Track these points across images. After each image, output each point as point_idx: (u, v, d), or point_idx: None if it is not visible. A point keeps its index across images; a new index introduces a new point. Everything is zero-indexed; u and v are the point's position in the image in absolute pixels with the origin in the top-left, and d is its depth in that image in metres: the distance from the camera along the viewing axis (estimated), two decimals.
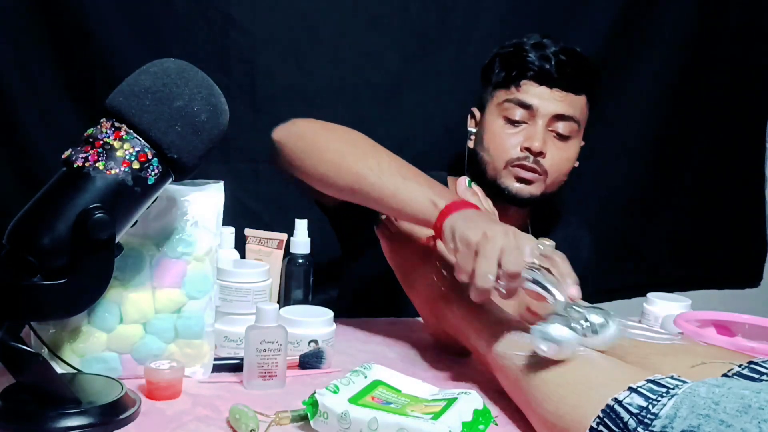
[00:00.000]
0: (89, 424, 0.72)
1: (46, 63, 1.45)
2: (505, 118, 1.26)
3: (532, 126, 1.24)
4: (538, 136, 1.23)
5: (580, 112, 1.26)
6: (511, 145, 1.25)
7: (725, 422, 0.60)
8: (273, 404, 0.80)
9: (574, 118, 1.25)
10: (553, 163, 1.25)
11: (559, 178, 1.28)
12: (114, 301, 0.84)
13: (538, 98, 1.23)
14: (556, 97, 1.24)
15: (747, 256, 1.95)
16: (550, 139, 1.25)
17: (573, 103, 1.25)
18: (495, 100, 1.28)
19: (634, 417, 0.65)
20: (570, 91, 1.24)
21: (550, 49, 1.24)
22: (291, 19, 1.54)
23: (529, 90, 1.24)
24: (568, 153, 1.27)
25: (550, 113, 1.24)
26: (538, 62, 1.23)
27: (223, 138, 0.79)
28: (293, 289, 1.15)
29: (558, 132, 1.25)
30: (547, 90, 1.23)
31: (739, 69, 1.82)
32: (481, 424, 0.73)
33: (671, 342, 0.89)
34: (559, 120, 1.24)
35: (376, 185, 0.99)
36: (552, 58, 1.23)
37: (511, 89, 1.25)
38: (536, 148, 1.23)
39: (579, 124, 1.27)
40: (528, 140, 1.23)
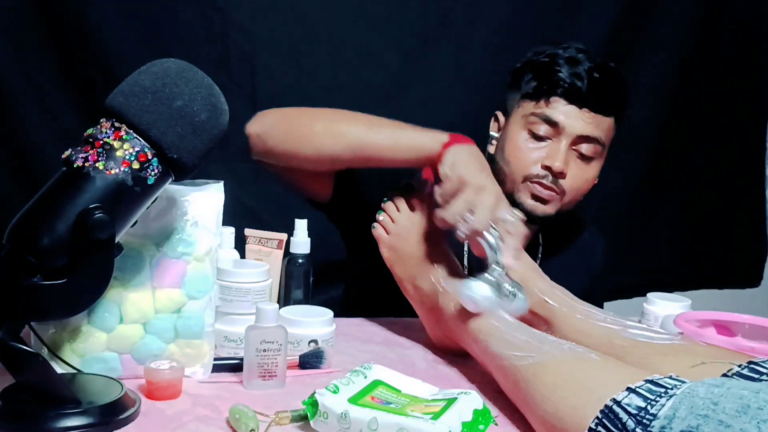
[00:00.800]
0: (89, 424, 0.72)
1: (46, 63, 1.46)
2: (530, 132, 1.21)
3: (555, 144, 1.20)
4: (560, 156, 1.18)
5: (605, 134, 1.22)
6: (532, 160, 1.21)
7: (724, 422, 0.60)
8: (273, 404, 0.80)
9: (599, 140, 1.21)
10: (572, 183, 1.21)
11: (576, 198, 1.24)
12: (114, 301, 0.84)
13: (565, 116, 1.19)
14: (584, 118, 1.19)
15: (747, 256, 1.95)
16: (573, 159, 1.21)
17: (600, 125, 1.21)
18: (521, 111, 1.24)
19: (633, 418, 0.65)
20: (599, 112, 1.20)
21: (584, 66, 1.19)
22: (291, 19, 1.54)
23: (558, 107, 1.19)
24: (588, 174, 1.23)
25: (576, 133, 1.19)
26: (570, 79, 1.19)
27: (223, 138, 0.79)
28: (293, 289, 1.15)
29: (581, 152, 1.21)
30: (575, 109, 1.19)
31: (740, 69, 1.82)
32: (481, 424, 0.73)
33: (671, 342, 0.89)
34: (584, 141, 1.20)
35: (375, 139, 1.08)
36: (585, 76, 1.19)
37: (539, 103, 1.21)
38: (557, 168, 1.18)
39: (604, 146, 1.23)
40: (549, 158, 1.19)
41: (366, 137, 1.09)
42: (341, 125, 1.11)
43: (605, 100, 1.20)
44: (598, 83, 1.19)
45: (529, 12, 1.64)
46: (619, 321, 0.94)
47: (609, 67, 1.23)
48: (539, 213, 1.22)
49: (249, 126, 1.17)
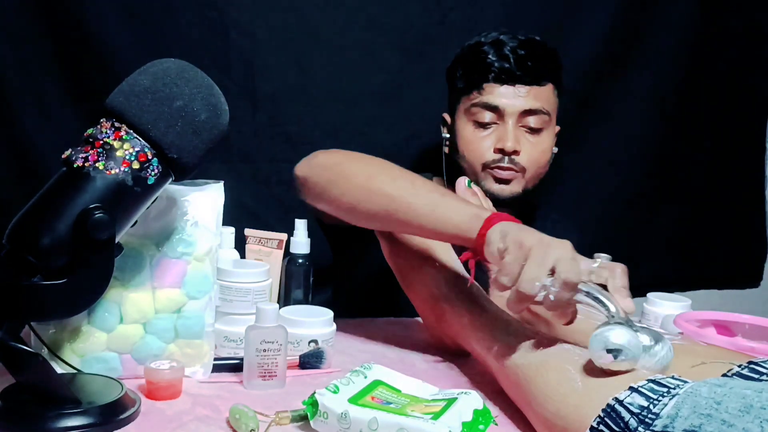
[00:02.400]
0: (89, 424, 0.72)
1: (46, 63, 1.45)
2: (475, 122, 1.26)
3: (502, 126, 1.24)
4: (509, 135, 1.23)
5: (548, 103, 1.26)
6: (485, 148, 1.25)
7: (727, 422, 0.60)
8: (273, 404, 0.80)
9: (543, 110, 1.25)
10: (529, 158, 1.25)
11: (538, 171, 1.28)
12: (114, 301, 0.84)
13: (503, 98, 1.23)
14: (521, 93, 1.23)
15: (747, 256, 1.95)
16: (523, 135, 1.25)
17: (539, 96, 1.25)
18: (462, 106, 1.28)
19: (635, 417, 0.65)
20: (534, 84, 1.24)
21: (507, 47, 1.23)
22: (291, 19, 1.54)
23: (493, 91, 1.24)
24: (542, 145, 1.27)
25: (517, 110, 1.23)
26: (498, 63, 1.23)
27: (223, 138, 0.79)
28: (293, 289, 1.15)
29: (529, 126, 1.25)
30: (510, 88, 1.23)
31: (740, 69, 1.82)
32: (481, 424, 0.73)
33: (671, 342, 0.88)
34: (528, 115, 1.24)
35: (412, 205, 0.93)
36: (510, 55, 1.23)
37: (474, 93, 1.25)
38: (509, 148, 1.23)
39: (549, 114, 1.26)
40: (500, 141, 1.23)
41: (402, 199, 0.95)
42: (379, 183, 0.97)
43: (535, 70, 1.24)
44: (525, 58, 1.23)
45: (529, 12, 1.64)
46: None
47: (532, 39, 1.26)
48: (507, 194, 1.25)
49: (299, 167, 1.07)
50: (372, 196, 0.97)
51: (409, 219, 0.94)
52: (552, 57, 1.28)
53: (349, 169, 1.01)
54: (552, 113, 1.28)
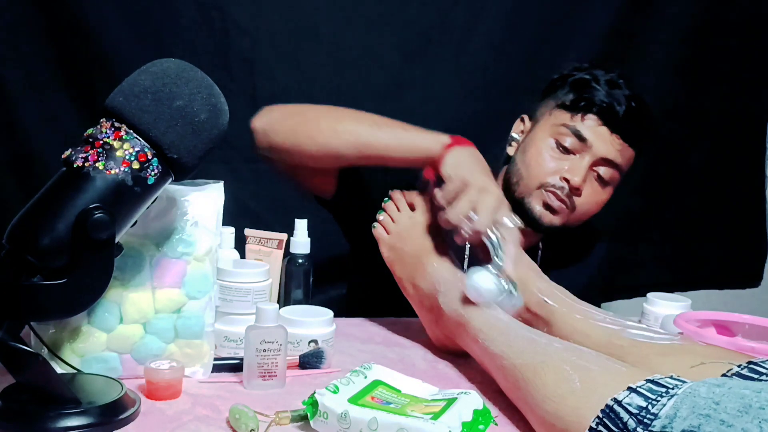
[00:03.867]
0: (89, 424, 0.72)
1: (46, 63, 1.46)
2: (557, 141, 1.22)
3: (579, 159, 1.21)
4: (581, 172, 1.20)
5: (626, 163, 1.24)
6: (552, 170, 1.21)
7: (726, 422, 0.60)
8: (273, 404, 0.80)
9: (620, 167, 1.23)
10: (584, 202, 1.23)
11: (583, 217, 1.26)
12: (114, 301, 0.84)
13: (595, 135, 1.20)
14: (613, 142, 1.21)
15: (747, 256, 1.95)
16: (590, 179, 1.22)
17: (624, 153, 1.23)
18: (552, 119, 1.24)
19: (634, 417, 0.65)
20: (627, 141, 1.22)
21: (623, 92, 1.21)
22: (291, 19, 1.54)
23: (591, 125, 1.20)
24: (600, 197, 1.25)
25: (601, 154, 1.21)
26: (609, 100, 1.20)
27: (223, 138, 0.79)
28: (293, 289, 1.15)
29: (600, 174, 1.22)
30: (607, 131, 1.20)
31: (740, 69, 1.82)
32: (481, 424, 0.73)
33: (671, 342, 0.89)
34: (605, 164, 1.22)
35: (379, 138, 1.10)
36: (624, 102, 1.20)
37: (573, 116, 1.22)
38: (575, 183, 1.20)
39: (621, 173, 1.25)
40: (570, 172, 1.20)
41: (370, 136, 1.11)
42: (346, 123, 1.13)
43: (636, 131, 1.22)
44: (634, 113, 1.21)
45: (529, 12, 1.64)
46: (619, 321, 0.94)
47: (644, 100, 1.25)
48: (546, 222, 1.23)
49: (254, 120, 1.18)
50: (340, 135, 1.12)
51: (379, 151, 1.10)
52: (653, 127, 1.27)
53: (314, 114, 1.16)
54: (623, 174, 1.26)
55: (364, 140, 1.11)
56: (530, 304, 1.01)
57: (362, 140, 1.11)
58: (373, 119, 1.13)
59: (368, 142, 1.11)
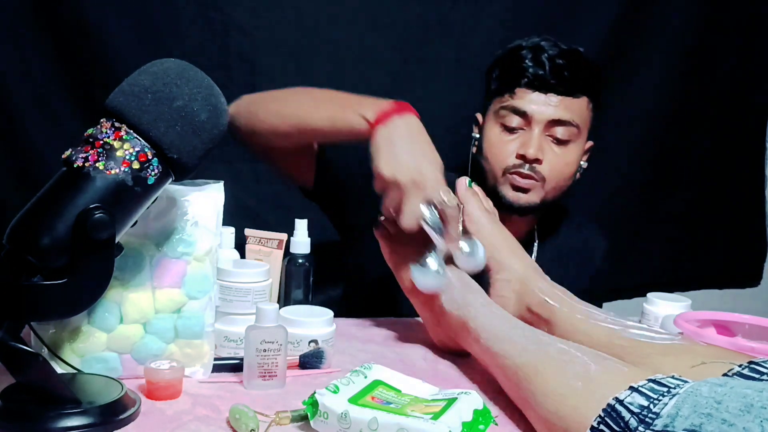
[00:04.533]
0: (89, 424, 0.72)
1: (46, 63, 1.45)
2: (502, 126, 1.25)
3: (527, 133, 1.23)
4: (533, 143, 1.21)
5: (579, 116, 1.24)
6: (508, 152, 1.24)
7: (727, 421, 0.60)
8: (273, 404, 0.80)
9: (572, 123, 1.23)
10: (551, 168, 1.23)
11: (560, 183, 1.26)
12: (114, 301, 0.84)
13: (532, 104, 1.22)
14: (552, 102, 1.22)
15: (747, 256, 1.95)
16: (548, 145, 1.23)
17: (570, 107, 1.23)
18: (493, 108, 1.28)
19: (636, 416, 0.65)
20: (566, 94, 1.22)
21: (546, 54, 1.22)
22: (291, 19, 1.54)
23: (524, 96, 1.22)
24: (567, 158, 1.25)
25: (545, 119, 1.22)
26: (533, 69, 1.22)
27: (223, 138, 0.79)
28: (293, 289, 1.15)
29: (556, 137, 1.23)
30: (541, 96, 1.22)
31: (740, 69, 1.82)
32: (481, 424, 0.73)
33: (671, 342, 0.89)
34: (556, 125, 1.23)
35: (316, 118, 1.11)
36: (547, 63, 1.21)
37: (506, 96, 1.24)
38: (531, 155, 1.21)
39: (578, 127, 1.24)
40: (523, 147, 1.22)
41: (307, 117, 1.13)
42: (288, 104, 1.17)
43: (570, 81, 1.22)
44: (561, 67, 1.22)
45: (529, 12, 1.64)
46: (620, 321, 0.94)
47: (573, 50, 1.25)
48: (523, 203, 1.24)
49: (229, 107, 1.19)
50: (285, 118, 1.15)
51: (316, 131, 1.14)
52: (590, 70, 1.26)
53: (267, 99, 1.20)
54: (582, 127, 1.26)
55: (303, 122, 1.14)
56: (531, 304, 1.01)
57: (301, 122, 1.14)
58: (314, 98, 1.16)
59: (306, 123, 1.14)
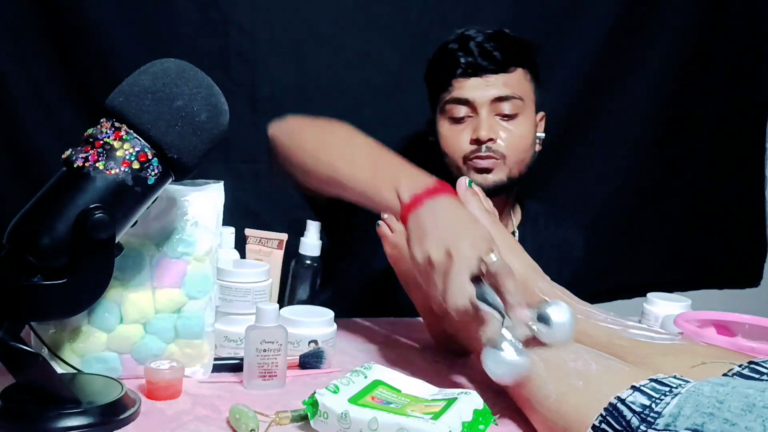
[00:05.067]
0: (89, 424, 0.72)
1: (46, 63, 1.45)
2: (450, 119, 1.28)
3: (475, 118, 1.26)
4: (483, 125, 1.24)
5: (519, 88, 1.27)
6: (462, 141, 1.27)
7: (729, 421, 0.60)
8: (273, 404, 0.80)
9: (514, 96, 1.26)
10: (508, 144, 1.26)
11: (521, 156, 1.28)
12: (114, 301, 0.84)
13: (472, 90, 1.25)
14: (489, 83, 1.25)
15: (747, 256, 1.95)
16: (498, 123, 1.26)
17: (508, 82, 1.26)
18: (439, 105, 1.31)
19: (637, 415, 0.65)
20: (501, 71, 1.25)
21: (472, 41, 1.25)
22: (291, 19, 1.54)
23: (463, 85, 1.26)
24: (520, 130, 1.27)
25: (488, 100, 1.25)
26: (463, 58, 1.25)
27: (223, 138, 0.79)
28: (299, 290, 1.15)
29: (504, 114, 1.26)
30: (478, 80, 1.25)
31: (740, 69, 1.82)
32: (481, 424, 0.73)
33: (671, 342, 0.89)
34: (500, 102, 1.25)
35: (348, 176, 0.99)
36: (475, 49, 1.25)
37: (446, 90, 1.27)
38: (483, 137, 1.24)
39: (522, 99, 1.27)
40: (474, 132, 1.25)
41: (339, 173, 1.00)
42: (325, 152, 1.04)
43: (500, 58, 1.25)
44: (488, 48, 1.25)
45: (529, 12, 1.64)
46: (620, 321, 0.94)
47: (498, 31, 1.28)
48: (490, 183, 1.26)
49: (271, 126, 1.17)
50: (318, 165, 1.04)
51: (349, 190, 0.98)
52: (517, 43, 1.29)
53: (305, 136, 1.10)
54: (526, 98, 1.28)
55: (335, 176, 1.01)
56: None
57: (333, 176, 1.01)
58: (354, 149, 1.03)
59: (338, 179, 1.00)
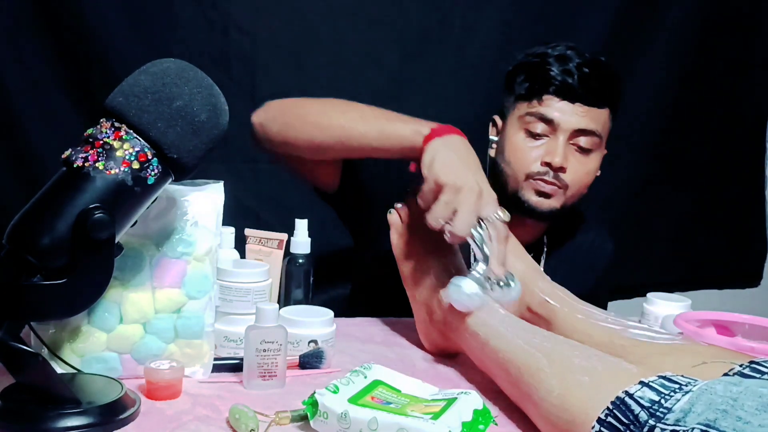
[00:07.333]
0: (89, 424, 0.72)
1: (46, 63, 1.45)
2: (527, 131, 1.24)
3: (553, 140, 1.22)
4: (558, 151, 1.21)
5: (602, 126, 1.25)
6: (532, 158, 1.23)
7: (743, 419, 0.60)
8: (273, 404, 0.80)
9: (596, 132, 1.23)
10: (574, 177, 1.24)
11: (580, 191, 1.27)
12: (114, 301, 0.84)
13: (559, 113, 1.22)
14: (578, 112, 1.22)
15: (747, 256, 1.95)
16: (571, 153, 1.23)
17: (595, 118, 1.23)
18: (517, 112, 1.26)
19: (646, 410, 0.65)
20: (592, 105, 1.22)
21: (573, 62, 1.22)
22: (291, 19, 1.54)
23: (551, 104, 1.22)
24: (588, 167, 1.26)
25: (571, 128, 1.22)
26: (561, 77, 1.21)
27: (223, 138, 0.79)
28: (293, 289, 1.15)
29: (579, 146, 1.23)
30: (569, 105, 1.22)
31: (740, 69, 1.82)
32: (481, 424, 0.73)
33: (672, 342, 0.89)
34: (581, 135, 1.23)
35: (363, 131, 1.09)
36: (575, 72, 1.21)
37: (533, 102, 1.23)
38: (556, 164, 1.21)
39: (601, 137, 1.25)
40: (549, 155, 1.22)
41: (353, 130, 1.10)
42: (331, 116, 1.13)
43: (597, 92, 1.23)
44: (589, 77, 1.22)
45: (529, 12, 1.64)
46: (620, 321, 0.94)
47: (599, 61, 1.26)
48: (545, 208, 1.24)
49: (254, 115, 1.20)
50: (325, 130, 1.13)
51: (362, 144, 1.10)
52: (614, 81, 1.27)
53: (303, 110, 1.18)
54: (604, 137, 1.26)
55: (348, 134, 1.11)
56: (532, 304, 1.01)
57: (346, 134, 1.11)
58: (360, 111, 1.13)
59: (351, 136, 1.10)
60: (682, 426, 0.62)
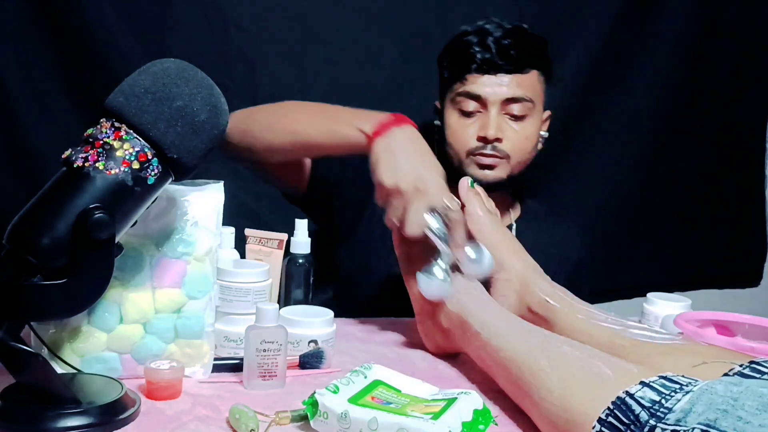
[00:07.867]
0: (89, 424, 0.72)
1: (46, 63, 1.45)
2: (460, 111, 1.29)
3: (484, 115, 1.27)
4: (491, 124, 1.25)
5: (531, 90, 1.28)
6: (469, 135, 1.28)
7: (743, 419, 0.60)
8: (273, 404, 0.80)
9: (525, 98, 1.27)
10: (513, 145, 1.28)
11: (524, 157, 1.31)
12: (114, 301, 0.84)
13: (485, 87, 1.26)
14: (503, 82, 1.26)
15: (747, 256, 1.95)
16: (506, 123, 1.27)
17: (522, 83, 1.27)
18: (449, 95, 1.31)
19: (647, 410, 0.65)
20: (516, 72, 1.26)
21: (491, 37, 1.26)
22: (291, 19, 1.54)
23: (476, 81, 1.26)
24: (526, 132, 1.29)
25: (499, 99, 1.26)
26: (480, 53, 1.26)
27: (223, 138, 0.79)
28: (293, 289, 1.15)
29: (513, 114, 1.27)
30: (491, 77, 1.26)
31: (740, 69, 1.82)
32: (481, 424, 0.73)
33: (672, 342, 0.89)
34: (511, 103, 1.27)
35: (312, 134, 1.12)
36: (492, 45, 1.25)
37: (459, 82, 1.28)
38: (491, 136, 1.25)
39: (532, 101, 1.28)
40: (482, 130, 1.26)
41: (302, 132, 1.13)
42: (282, 121, 1.17)
43: (517, 59, 1.26)
44: (507, 47, 1.26)
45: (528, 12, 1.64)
46: (620, 321, 0.94)
47: (516, 27, 1.29)
48: (491, 179, 1.28)
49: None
50: (279, 135, 1.16)
51: (313, 146, 1.14)
52: (535, 44, 1.30)
53: (258, 116, 1.20)
54: (536, 100, 1.30)
55: (299, 138, 1.14)
56: (532, 304, 1.01)
57: (298, 138, 1.14)
58: (309, 113, 1.15)
59: (302, 138, 1.13)
60: (682, 426, 0.62)
